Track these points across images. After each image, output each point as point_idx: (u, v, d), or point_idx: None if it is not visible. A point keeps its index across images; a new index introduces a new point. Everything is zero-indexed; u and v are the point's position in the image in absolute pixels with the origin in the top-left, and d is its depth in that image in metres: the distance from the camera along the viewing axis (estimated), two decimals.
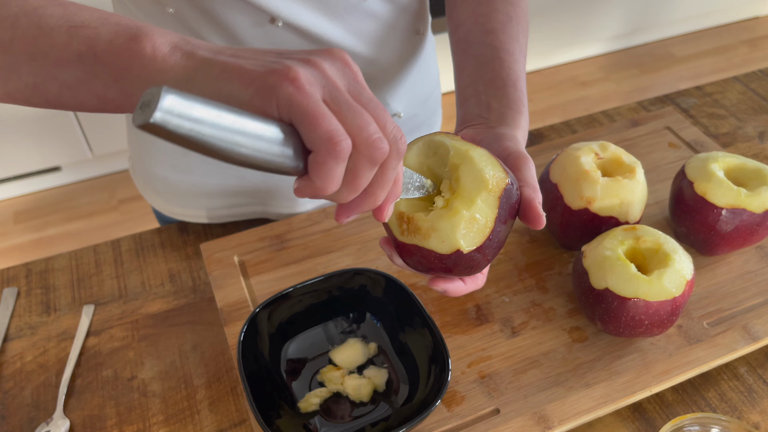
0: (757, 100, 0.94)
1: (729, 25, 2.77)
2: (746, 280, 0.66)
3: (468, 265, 0.45)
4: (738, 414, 0.59)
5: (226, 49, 0.36)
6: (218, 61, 0.34)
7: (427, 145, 0.47)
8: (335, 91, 0.34)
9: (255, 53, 0.36)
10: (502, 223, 0.45)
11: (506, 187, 0.45)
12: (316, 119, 0.32)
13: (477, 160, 0.45)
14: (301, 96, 0.32)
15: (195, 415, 0.60)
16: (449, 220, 0.44)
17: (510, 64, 0.59)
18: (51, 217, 2.02)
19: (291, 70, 0.33)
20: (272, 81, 0.33)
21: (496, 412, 0.57)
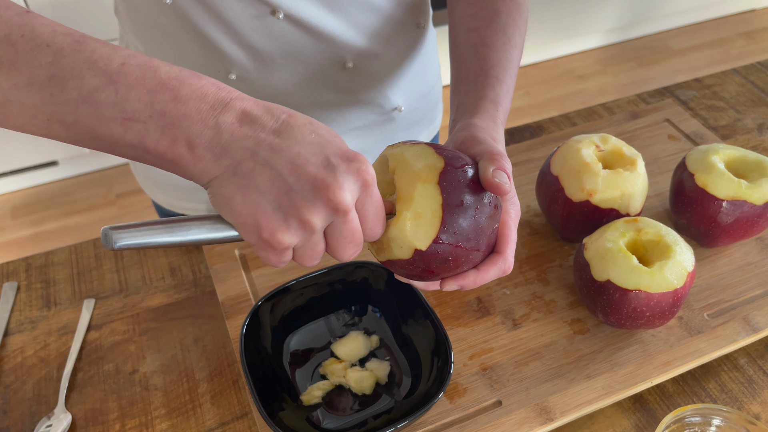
0: (756, 92, 0.94)
1: (726, 18, 2.77)
2: (746, 271, 0.67)
3: (441, 259, 0.44)
4: (738, 405, 0.59)
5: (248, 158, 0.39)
6: (231, 183, 0.39)
7: (379, 163, 0.47)
8: (307, 242, 0.40)
9: (271, 179, 0.39)
10: (459, 204, 0.43)
11: (443, 171, 0.43)
12: (268, 261, 0.41)
13: (408, 158, 0.44)
14: (273, 256, 0.41)
15: (197, 409, 0.60)
16: (396, 226, 0.43)
17: (486, 56, 0.57)
18: (48, 212, 2.01)
19: (282, 237, 0.39)
20: (263, 237, 0.39)
21: (498, 404, 0.57)
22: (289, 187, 0.38)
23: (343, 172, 0.39)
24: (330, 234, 0.41)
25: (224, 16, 0.62)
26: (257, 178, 0.38)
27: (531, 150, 0.81)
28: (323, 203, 0.39)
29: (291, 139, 0.39)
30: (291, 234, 0.39)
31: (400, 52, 0.75)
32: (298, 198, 0.38)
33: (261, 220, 0.38)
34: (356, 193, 0.40)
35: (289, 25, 0.64)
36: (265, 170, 0.38)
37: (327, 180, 0.38)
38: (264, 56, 0.66)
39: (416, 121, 0.84)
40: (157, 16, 0.65)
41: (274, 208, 0.38)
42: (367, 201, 0.41)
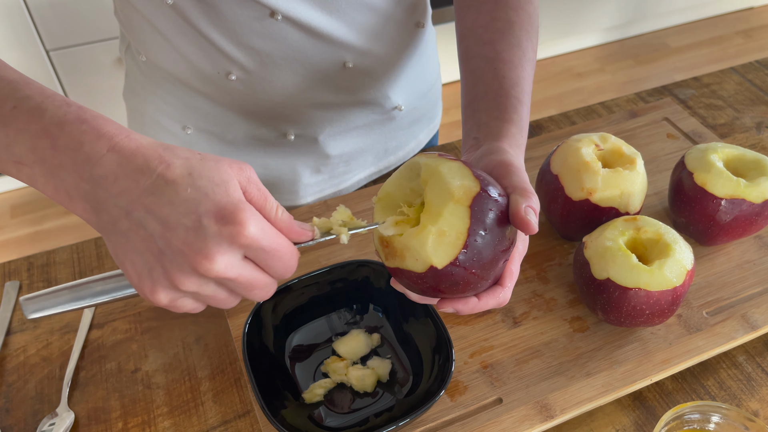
0: (755, 90, 0.94)
1: (724, 16, 2.78)
2: (745, 269, 0.67)
3: (452, 281, 0.43)
4: (737, 402, 0.59)
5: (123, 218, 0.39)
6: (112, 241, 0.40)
7: (408, 168, 0.47)
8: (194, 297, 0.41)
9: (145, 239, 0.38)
10: (482, 231, 0.42)
11: (477, 196, 0.42)
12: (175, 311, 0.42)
13: (444, 173, 0.43)
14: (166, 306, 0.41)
15: (199, 407, 0.61)
16: (418, 237, 0.42)
17: (504, 73, 0.57)
18: (48, 211, 2.01)
19: (155, 296, 0.39)
20: (144, 294, 0.40)
21: (498, 401, 0.57)
22: (160, 251, 0.38)
23: (214, 237, 0.37)
24: (226, 287, 0.40)
25: (224, 17, 0.63)
26: (133, 238, 0.38)
27: (530, 149, 0.82)
28: (193, 271, 0.38)
29: (163, 197, 0.37)
30: (164, 293, 0.39)
31: (400, 52, 0.75)
32: (168, 263, 0.38)
33: (139, 280, 0.39)
34: (235, 255, 0.38)
35: (288, 26, 0.64)
36: (139, 231, 0.38)
37: (195, 247, 0.37)
38: (264, 57, 0.66)
39: (416, 119, 0.84)
40: (156, 17, 0.65)
41: (149, 269, 0.39)
42: (258, 254, 0.39)
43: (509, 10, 0.60)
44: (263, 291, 0.41)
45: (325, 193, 0.83)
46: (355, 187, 0.85)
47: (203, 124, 0.75)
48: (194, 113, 0.74)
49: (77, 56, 1.78)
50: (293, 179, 0.80)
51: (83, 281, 0.43)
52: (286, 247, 0.40)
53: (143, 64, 0.73)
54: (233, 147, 0.77)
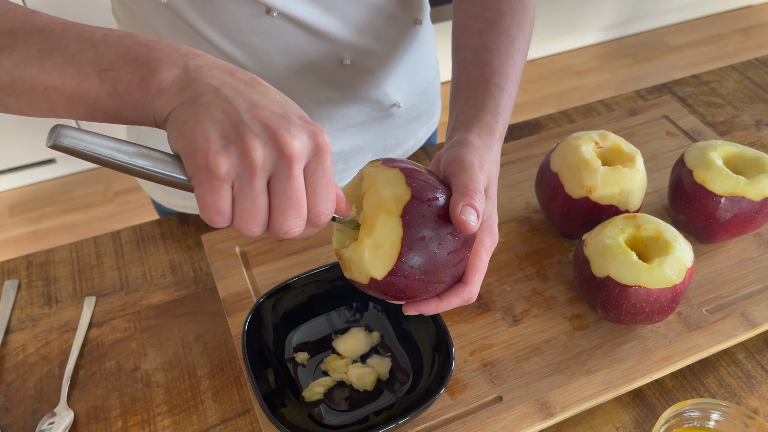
0: (754, 88, 0.94)
1: (722, 14, 2.78)
2: (745, 267, 0.67)
3: (397, 290, 0.44)
4: (737, 399, 0.59)
5: (210, 92, 0.39)
6: (188, 111, 0.39)
7: (359, 176, 0.47)
8: (246, 184, 0.39)
9: (227, 111, 0.39)
10: (419, 241, 0.42)
11: (408, 204, 0.42)
12: (205, 209, 0.39)
13: (378, 184, 0.43)
14: (207, 189, 0.38)
15: (199, 405, 0.61)
16: (356, 251, 0.43)
17: (488, 61, 0.56)
18: (46, 210, 2.01)
19: (218, 160, 0.38)
20: (198, 162, 0.38)
21: (498, 399, 0.57)
22: (241, 121, 0.38)
23: (298, 126, 0.39)
24: (272, 189, 0.39)
25: (219, 15, 0.63)
26: (213, 109, 0.39)
27: (530, 147, 0.82)
28: (270, 142, 0.38)
29: (256, 89, 0.40)
30: (227, 160, 0.38)
31: (398, 49, 0.75)
32: (245, 130, 0.38)
33: (202, 143, 0.38)
34: (307, 151, 0.39)
35: (285, 23, 0.64)
36: (223, 104, 0.39)
37: (280, 124, 0.39)
38: (261, 54, 0.66)
39: (415, 117, 0.84)
40: (152, 15, 0.65)
41: (220, 135, 0.38)
42: (318, 169, 0.40)
43: (502, 1, 0.60)
44: (296, 220, 0.40)
45: None
46: None
47: None
48: None
49: None
50: None
51: (131, 143, 0.40)
52: (335, 186, 0.42)
53: None
54: None
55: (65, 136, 0.37)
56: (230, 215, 0.39)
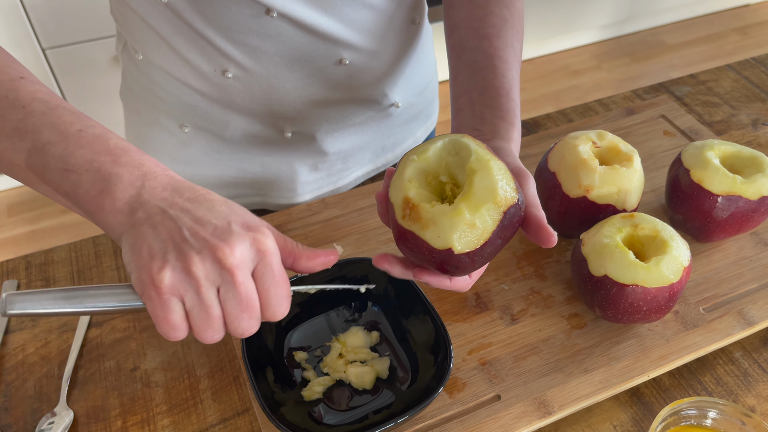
0: (751, 87, 0.94)
1: (720, 13, 2.78)
2: (741, 266, 0.67)
3: (455, 266, 0.46)
4: (734, 397, 0.60)
5: (158, 213, 0.42)
6: (137, 232, 0.42)
7: (452, 143, 0.48)
8: (195, 296, 0.41)
9: (171, 231, 0.41)
10: (499, 237, 0.46)
11: (512, 205, 0.46)
12: (158, 323, 0.41)
13: (494, 172, 0.45)
14: (156, 303, 0.41)
15: (198, 405, 0.61)
16: (450, 218, 0.45)
17: (504, 72, 0.59)
18: (45, 210, 2.01)
19: (159, 275, 0.40)
20: (144, 278, 0.41)
21: (497, 398, 0.58)
22: (183, 238, 0.41)
23: (238, 236, 0.41)
24: (222, 298, 0.42)
25: (219, 15, 0.63)
26: (160, 229, 0.41)
27: (528, 146, 0.82)
28: (210, 257, 0.40)
29: (202, 205, 0.43)
30: (171, 274, 0.40)
31: (396, 49, 0.75)
32: (187, 248, 0.40)
33: (147, 260, 0.40)
34: (250, 259, 0.42)
35: (284, 23, 0.64)
36: (169, 223, 0.41)
37: (221, 237, 0.41)
38: (260, 55, 0.66)
39: (413, 117, 0.84)
40: (151, 16, 0.65)
41: (164, 252, 0.41)
42: (266, 272, 0.42)
43: (503, 7, 0.62)
44: (250, 322, 0.43)
45: (323, 190, 0.83)
46: (352, 184, 0.86)
47: (200, 122, 0.75)
48: (191, 111, 0.74)
49: (73, 55, 1.77)
50: (291, 177, 0.80)
51: (77, 288, 0.43)
52: (287, 284, 0.44)
53: (140, 63, 0.73)
54: (231, 145, 0.77)
55: (11, 304, 0.39)
56: (186, 328, 0.42)
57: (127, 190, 0.42)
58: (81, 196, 0.43)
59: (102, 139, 0.44)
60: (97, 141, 0.44)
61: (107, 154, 0.43)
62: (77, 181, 0.43)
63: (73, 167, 0.43)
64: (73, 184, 0.43)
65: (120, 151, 0.44)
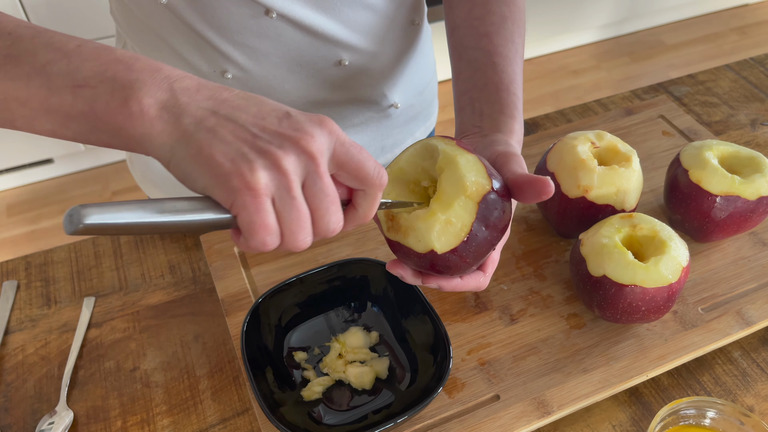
0: (749, 88, 0.95)
1: (719, 13, 2.78)
2: (740, 266, 0.68)
3: (446, 266, 0.46)
4: (732, 397, 0.60)
5: (209, 116, 0.37)
6: (195, 140, 0.37)
7: (424, 148, 0.49)
8: (286, 194, 0.37)
9: (234, 131, 0.37)
10: (483, 227, 0.45)
11: (487, 193, 0.45)
12: (256, 231, 0.37)
13: (461, 166, 0.45)
14: (253, 209, 0.37)
15: (198, 405, 0.61)
16: (425, 222, 0.45)
17: (503, 68, 0.59)
18: (44, 210, 2.01)
19: (254, 177, 0.36)
20: (235, 185, 0.36)
21: (496, 398, 0.58)
22: (254, 135, 0.37)
23: (308, 122, 0.38)
24: (309, 194, 0.39)
25: (218, 16, 0.63)
26: (221, 131, 0.37)
27: (527, 146, 0.82)
28: (292, 148, 0.37)
29: (249, 101, 0.39)
30: (264, 173, 0.36)
31: (396, 50, 0.75)
32: (264, 144, 0.37)
33: (230, 166, 0.36)
34: (327, 145, 0.39)
35: (284, 24, 0.64)
36: (228, 124, 0.37)
37: (292, 128, 0.38)
38: (259, 55, 0.66)
39: (412, 117, 0.84)
40: (151, 16, 0.65)
41: (243, 153, 0.37)
42: (344, 152, 0.39)
43: (502, 5, 0.63)
44: (337, 215, 0.40)
45: None
46: None
47: None
48: None
49: None
50: None
51: (152, 199, 0.36)
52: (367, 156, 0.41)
53: None
54: None
55: (88, 216, 0.33)
56: (279, 233, 0.38)
57: (156, 94, 0.37)
58: (101, 111, 0.38)
59: (106, 51, 0.39)
60: (102, 52, 0.39)
61: (117, 63, 0.38)
62: (92, 95, 0.38)
63: (83, 81, 0.38)
64: (88, 100, 0.38)
65: (130, 59, 0.39)
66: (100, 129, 0.38)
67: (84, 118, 0.38)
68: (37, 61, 0.38)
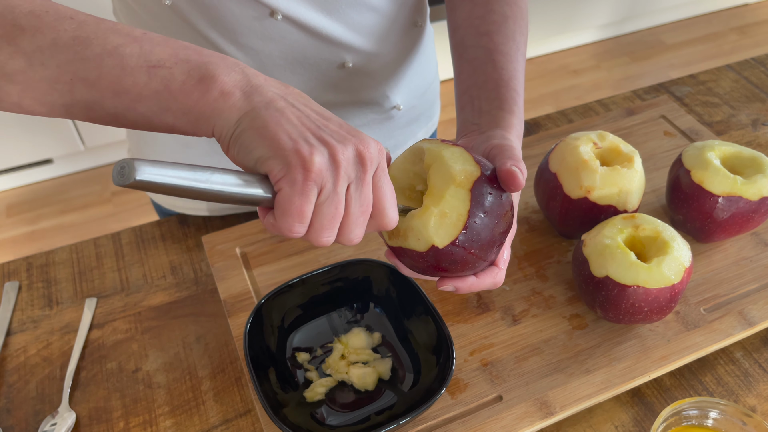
0: (750, 88, 0.95)
1: (719, 13, 2.78)
2: (742, 266, 0.68)
3: (452, 261, 0.46)
4: (734, 397, 0.60)
5: (279, 99, 0.40)
6: (263, 115, 0.39)
7: (412, 153, 0.49)
8: (332, 187, 0.40)
9: (300, 118, 0.40)
10: (482, 213, 0.45)
11: (477, 180, 0.45)
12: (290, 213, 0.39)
13: (446, 158, 0.45)
14: (298, 189, 0.39)
15: (200, 406, 0.61)
16: (420, 218, 0.45)
17: (503, 65, 0.59)
18: (44, 210, 2.01)
19: (313, 157, 0.39)
20: (291, 160, 0.38)
21: (498, 398, 0.58)
22: (319, 127, 0.40)
23: (364, 137, 0.41)
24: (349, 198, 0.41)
25: (223, 17, 0.63)
26: (288, 114, 0.40)
27: (528, 147, 0.82)
28: (352, 147, 0.40)
29: (314, 102, 0.42)
30: (321, 157, 0.39)
31: (399, 52, 0.75)
32: (327, 136, 0.40)
33: (291, 143, 0.39)
34: (377, 161, 0.41)
35: (288, 26, 0.64)
36: (295, 111, 0.40)
37: (351, 133, 0.41)
38: (263, 57, 0.66)
39: (414, 118, 0.84)
40: (155, 17, 0.65)
41: (305, 137, 0.39)
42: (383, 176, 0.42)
43: (504, 5, 0.63)
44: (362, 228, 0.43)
45: None
46: None
47: None
48: None
49: None
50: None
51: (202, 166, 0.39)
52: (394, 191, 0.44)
53: None
54: None
55: (141, 171, 0.35)
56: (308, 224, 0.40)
57: (231, 74, 0.40)
58: (176, 89, 0.39)
59: (173, 39, 0.41)
60: (170, 40, 0.41)
61: (187, 49, 0.40)
62: (168, 74, 0.39)
63: (158, 62, 0.39)
64: (164, 79, 0.39)
65: (197, 47, 0.41)
66: (171, 108, 0.40)
67: (156, 98, 0.40)
68: (108, 43, 0.39)
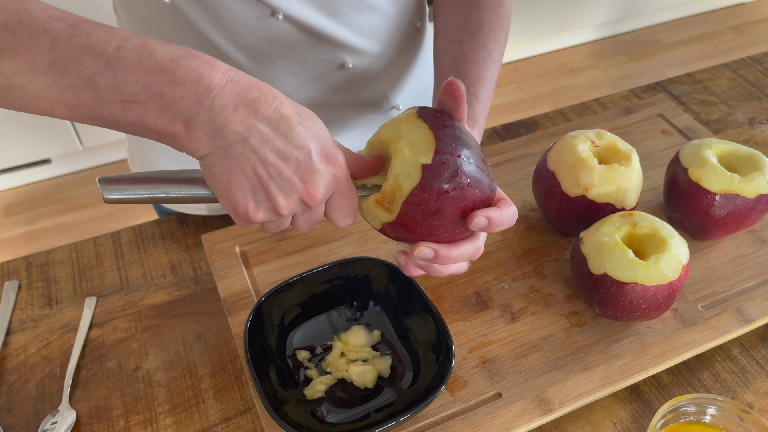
0: (747, 86, 0.95)
1: (715, 12, 2.79)
2: (739, 263, 0.68)
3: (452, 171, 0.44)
4: (732, 394, 0.60)
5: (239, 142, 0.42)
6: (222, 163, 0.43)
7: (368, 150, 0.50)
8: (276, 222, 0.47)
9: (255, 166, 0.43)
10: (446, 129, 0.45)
11: (419, 110, 0.46)
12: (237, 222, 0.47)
13: (386, 122, 0.48)
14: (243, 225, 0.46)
15: (201, 404, 0.61)
16: (396, 159, 0.45)
17: (466, 71, 0.60)
18: (42, 210, 2.01)
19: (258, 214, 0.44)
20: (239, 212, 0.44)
21: (498, 396, 0.58)
22: (270, 177, 0.43)
23: (320, 174, 0.44)
24: (296, 217, 0.47)
25: (223, 17, 0.63)
26: (244, 163, 0.42)
27: (526, 146, 0.82)
28: (297, 198, 0.44)
29: (279, 130, 0.42)
30: (263, 214, 0.44)
31: (399, 53, 0.75)
32: (275, 188, 0.43)
33: (240, 199, 0.43)
34: (328, 193, 0.45)
35: (289, 26, 0.64)
36: (252, 156, 0.42)
37: (303, 179, 0.43)
38: (263, 57, 0.66)
39: None
40: (155, 16, 0.65)
41: (254, 191, 0.43)
42: (340, 198, 0.47)
43: (481, 13, 0.63)
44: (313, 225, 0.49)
45: None
46: None
47: None
48: None
49: None
50: None
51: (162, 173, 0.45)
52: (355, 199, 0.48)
53: None
54: None
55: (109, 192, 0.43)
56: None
57: (199, 115, 0.41)
58: (150, 126, 0.41)
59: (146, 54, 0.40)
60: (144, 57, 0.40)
61: (160, 73, 0.40)
62: (142, 111, 0.41)
63: (132, 97, 0.40)
64: (138, 114, 0.41)
65: (172, 65, 0.40)
66: (146, 134, 0.43)
67: (133, 127, 0.42)
68: (84, 71, 0.40)
